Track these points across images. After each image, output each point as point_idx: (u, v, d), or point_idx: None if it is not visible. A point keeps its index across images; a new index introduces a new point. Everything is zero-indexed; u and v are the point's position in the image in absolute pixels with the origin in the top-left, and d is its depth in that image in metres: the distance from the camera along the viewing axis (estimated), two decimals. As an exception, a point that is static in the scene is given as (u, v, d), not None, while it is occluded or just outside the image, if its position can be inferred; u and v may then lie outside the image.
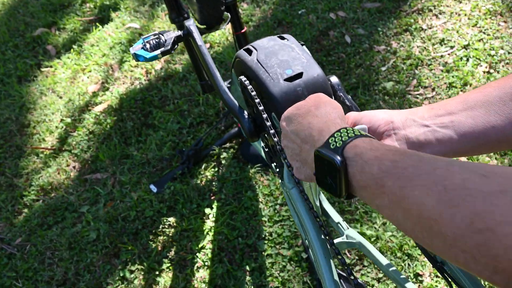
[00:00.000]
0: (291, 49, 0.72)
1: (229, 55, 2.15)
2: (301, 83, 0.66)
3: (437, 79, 1.83)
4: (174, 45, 0.89)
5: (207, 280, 1.51)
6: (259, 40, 0.75)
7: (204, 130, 1.92)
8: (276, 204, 1.63)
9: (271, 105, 0.68)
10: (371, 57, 1.99)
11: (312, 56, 0.72)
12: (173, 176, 1.79)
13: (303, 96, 0.66)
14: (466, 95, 0.53)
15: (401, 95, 1.82)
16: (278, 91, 0.66)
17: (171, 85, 2.12)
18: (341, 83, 0.72)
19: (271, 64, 0.69)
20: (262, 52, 0.71)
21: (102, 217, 1.74)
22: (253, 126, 0.75)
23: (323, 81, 0.68)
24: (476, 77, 1.79)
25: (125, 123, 2.04)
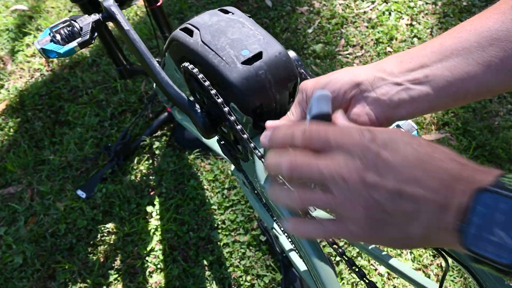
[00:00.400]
0: (240, 24, 0.60)
1: (142, 32, 1.90)
2: (262, 65, 0.55)
3: (364, 36, 1.80)
4: (93, 33, 0.70)
5: (163, 284, 1.36)
6: (198, 17, 0.61)
7: (129, 120, 1.70)
8: (223, 189, 1.51)
9: (228, 94, 0.56)
10: (295, 19, 1.89)
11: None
12: (102, 176, 1.58)
13: (267, 80, 0.55)
14: (439, 42, 0.46)
15: (332, 56, 1.75)
16: (237, 78, 0.54)
17: (80, 73, 1.83)
18: (299, 57, 0.63)
19: (221, 45, 0.56)
20: (206, 31, 0.58)
21: (26, 237, 1.49)
22: (209, 120, 0.62)
23: (287, 60, 0.57)
24: (400, 30, 1.79)
25: (32, 124, 1.73)
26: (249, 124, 0.59)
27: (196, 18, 0.61)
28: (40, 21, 2.03)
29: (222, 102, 0.56)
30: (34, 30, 2.02)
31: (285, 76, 0.57)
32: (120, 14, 0.70)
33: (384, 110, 0.46)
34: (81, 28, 0.70)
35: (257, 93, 0.55)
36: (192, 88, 0.64)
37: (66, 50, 0.68)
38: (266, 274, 1.33)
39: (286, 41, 1.82)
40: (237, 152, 0.68)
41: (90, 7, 1.11)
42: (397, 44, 1.77)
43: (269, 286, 1.31)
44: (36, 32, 2.01)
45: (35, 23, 2.04)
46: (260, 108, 0.57)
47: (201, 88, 0.60)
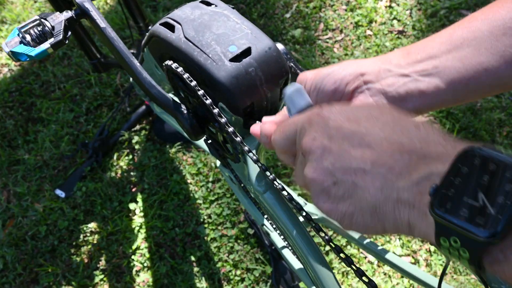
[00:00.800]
0: (225, 17, 0.55)
1: (114, 22, 1.80)
2: (252, 62, 0.51)
3: (343, 20, 1.74)
4: (67, 32, 0.62)
5: (151, 283, 1.32)
6: (179, 10, 0.56)
7: (105, 114, 1.61)
8: (207, 182, 1.46)
9: (217, 94, 0.52)
10: (272, 4, 1.81)
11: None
12: (82, 174, 1.50)
13: (257, 78, 0.51)
14: (448, 33, 0.43)
15: (311, 41, 1.70)
16: (225, 76, 0.50)
17: (51, 67, 1.73)
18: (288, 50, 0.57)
19: (206, 41, 0.52)
20: (189, 26, 0.53)
21: (5, 241, 1.42)
22: (196, 122, 0.57)
23: (278, 56, 0.53)
24: (380, 12, 1.74)
25: (3, 123, 1.63)
26: (239, 124, 0.55)
27: (177, 11, 0.56)
28: (4, 13, 1.89)
29: (211, 103, 0.52)
30: (-2, 22, 1.89)
31: (276, 73, 0.53)
32: (95, 11, 0.62)
33: (389, 103, 0.43)
34: (53, 27, 0.62)
35: (247, 92, 0.51)
36: (175, 86, 0.59)
37: (39, 53, 0.60)
38: (256, 267, 1.30)
39: (264, 26, 1.75)
40: (226, 152, 0.63)
41: (59, 0, 1.02)
42: (377, 27, 1.72)
43: (260, 280, 1.29)
44: (1, 25, 1.88)
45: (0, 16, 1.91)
46: (251, 107, 0.53)
47: (186, 88, 0.55)
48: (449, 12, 1.74)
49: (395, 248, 1.31)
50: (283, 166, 1.47)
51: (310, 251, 0.60)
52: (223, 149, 0.63)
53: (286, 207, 0.60)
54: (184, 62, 0.53)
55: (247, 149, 0.50)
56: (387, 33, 1.71)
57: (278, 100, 0.56)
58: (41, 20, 0.63)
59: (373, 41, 1.70)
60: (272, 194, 0.58)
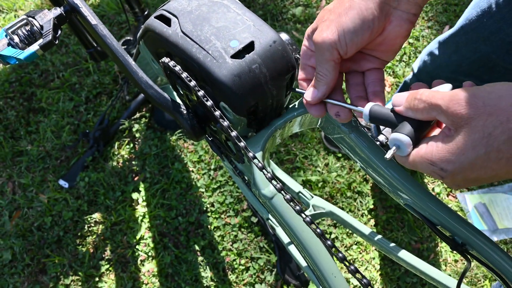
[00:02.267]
0: (225, 8, 0.47)
1: (109, 7, 1.67)
2: (255, 58, 0.44)
3: (346, -4, 1.58)
4: (56, 31, 0.56)
5: (156, 272, 1.25)
6: (174, 1, 0.49)
7: (105, 103, 1.51)
8: (209, 170, 1.36)
9: (218, 93, 0.46)
10: (272, -19, 1.66)
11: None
12: (84, 164, 1.42)
13: (262, 75, 0.44)
14: None
15: (313, 20, 1.55)
16: (227, 75, 0.43)
17: (49, 56, 1.61)
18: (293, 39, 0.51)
19: (206, 35, 0.45)
20: (186, 19, 0.46)
21: (12, 232, 1.35)
22: (196, 122, 0.51)
23: (283, 49, 0.45)
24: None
25: (5, 114, 1.54)
26: (242, 123, 0.49)
27: (173, 2, 0.49)
28: (0, 2, 1.77)
29: (212, 105, 0.45)
30: (-5, 11, 1.77)
31: (282, 68, 0.46)
32: (85, 7, 0.56)
33: (418, 2, 0.41)
34: (41, 27, 0.55)
35: (251, 91, 0.45)
36: (173, 83, 0.52)
37: (27, 56, 0.54)
38: (261, 256, 1.22)
39: (263, 6, 1.61)
40: (229, 152, 0.56)
41: None
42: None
43: (264, 268, 1.21)
44: (-2, 14, 1.76)
45: (-5, 4, 1.79)
46: (255, 106, 0.47)
47: (185, 87, 0.48)
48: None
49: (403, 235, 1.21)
50: (286, 152, 1.36)
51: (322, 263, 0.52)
52: (226, 148, 0.56)
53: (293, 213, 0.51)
54: (182, 58, 0.46)
55: (251, 155, 0.44)
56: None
57: (284, 97, 0.49)
58: (29, 19, 0.55)
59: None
60: (280, 202, 0.50)
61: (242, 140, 0.45)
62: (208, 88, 0.47)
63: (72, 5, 0.56)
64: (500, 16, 0.72)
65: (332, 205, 0.79)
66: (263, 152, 0.50)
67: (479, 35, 0.78)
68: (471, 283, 1.19)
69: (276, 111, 0.50)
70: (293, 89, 0.50)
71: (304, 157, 1.34)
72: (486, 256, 0.45)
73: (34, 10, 0.56)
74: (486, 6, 0.74)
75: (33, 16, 0.56)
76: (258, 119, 0.50)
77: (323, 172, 1.30)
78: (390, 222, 1.27)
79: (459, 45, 0.84)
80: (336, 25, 0.40)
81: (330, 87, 0.44)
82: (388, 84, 1.48)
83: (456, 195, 1.31)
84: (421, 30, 1.60)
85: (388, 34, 0.42)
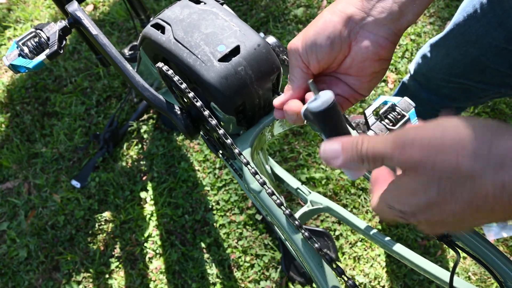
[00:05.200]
0: (214, 16, 0.49)
1: (119, 14, 1.65)
2: (241, 61, 0.46)
3: (347, -5, 1.53)
4: (61, 42, 0.59)
5: (164, 269, 1.22)
6: (168, 10, 0.51)
7: (114, 106, 1.49)
8: (214, 169, 1.32)
9: (208, 95, 0.48)
10: (274, -16, 1.61)
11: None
12: (94, 165, 1.39)
13: (247, 77, 0.46)
14: None
15: (315, 20, 1.50)
16: (215, 77, 0.45)
17: (62, 62, 1.60)
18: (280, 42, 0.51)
19: (195, 41, 0.47)
20: (178, 27, 0.48)
21: (28, 231, 1.34)
22: (190, 122, 0.52)
23: (267, 52, 0.47)
24: (385, -16, 1.51)
25: (22, 118, 1.54)
26: (232, 122, 0.50)
27: (167, 11, 0.51)
28: (18, 13, 1.77)
29: (201, 105, 0.46)
30: (13, 22, 1.77)
31: (267, 70, 0.47)
32: (87, 19, 0.58)
33: (389, 27, 0.38)
34: (48, 38, 0.59)
35: (238, 92, 0.46)
36: (169, 86, 0.53)
37: (35, 65, 0.57)
38: (265, 253, 1.17)
39: (265, 8, 1.56)
40: (222, 149, 0.56)
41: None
42: (383, 0, 1.50)
43: (269, 266, 1.16)
44: (15, 25, 1.76)
45: (14, 15, 1.79)
46: (242, 105, 0.48)
47: (178, 89, 0.49)
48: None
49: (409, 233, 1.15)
50: (290, 150, 1.31)
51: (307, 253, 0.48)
52: (220, 146, 0.56)
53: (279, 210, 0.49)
54: (175, 63, 0.48)
55: (237, 151, 0.45)
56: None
57: (271, 96, 0.50)
58: (37, 32, 0.59)
59: (380, 15, 1.48)
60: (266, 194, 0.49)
61: (229, 137, 0.45)
62: (200, 90, 0.48)
63: (75, 18, 0.58)
64: (486, 21, 0.71)
65: (330, 200, 0.75)
66: (251, 148, 0.50)
67: (468, 38, 0.76)
68: (481, 280, 1.12)
69: (265, 110, 0.51)
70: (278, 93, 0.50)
71: (308, 154, 1.29)
72: (471, 246, 0.43)
73: (42, 23, 0.60)
74: (472, 10, 0.72)
75: (41, 29, 0.59)
76: (247, 118, 0.50)
77: (326, 170, 1.25)
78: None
79: (449, 49, 0.82)
80: (303, 34, 0.40)
81: (295, 94, 0.41)
82: (390, 80, 1.42)
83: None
84: (422, 26, 1.53)
85: (355, 55, 0.39)
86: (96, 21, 1.67)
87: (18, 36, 1.72)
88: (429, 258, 1.13)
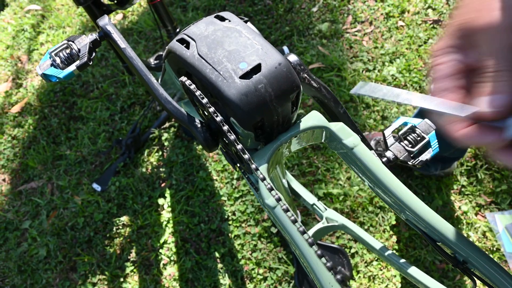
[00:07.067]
0: (238, 33, 0.52)
1: (146, 24, 1.73)
2: (261, 79, 0.47)
3: (373, 11, 1.55)
4: (91, 54, 0.63)
5: (177, 276, 1.25)
6: (194, 26, 0.53)
7: (137, 112, 1.55)
8: (232, 179, 1.36)
9: (228, 110, 0.50)
10: (299, -2, 1.66)
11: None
12: (115, 169, 1.46)
13: (267, 94, 0.48)
14: None
15: (339, 35, 1.53)
16: (235, 94, 0.47)
17: (90, 69, 1.69)
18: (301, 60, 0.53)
19: (218, 58, 0.49)
20: (202, 43, 0.51)
21: (48, 230, 1.40)
22: (210, 135, 0.55)
23: (288, 71, 0.48)
24: (413, 1, 1.53)
25: (49, 121, 1.62)
26: (251, 137, 0.52)
27: (192, 27, 0.53)
28: (51, 20, 1.88)
29: (221, 120, 0.48)
30: (47, 28, 1.89)
31: (287, 88, 0.49)
32: (116, 33, 0.62)
33: None
34: (79, 50, 0.63)
35: (257, 109, 0.48)
36: (191, 99, 0.56)
37: (66, 75, 0.61)
38: (279, 267, 1.19)
39: (290, 22, 1.61)
40: (240, 163, 0.59)
41: (95, 9, 1.02)
42: (410, 17, 1.52)
43: (282, 279, 1.18)
44: (48, 31, 1.87)
45: (47, 22, 1.90)
46: (261, 122, 0.50)
47: (199, 103, 0.52)
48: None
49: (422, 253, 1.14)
50: (308, 164, 1.33)
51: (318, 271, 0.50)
52: (237, 159, 0.59)
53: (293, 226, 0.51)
54: (198, 78, 0.51)
55: (254, 167, 0.47)
56: (420, 23, 1.50)
57: (290, 112, 0.52)
58: (69, 43, 0.63)
59: (405, 32, 1.50)
60: (280, 211, 0.51)
61: (246, 152, 0.47)
62: (220, 105, 0.50)
63: (105, 32, 0.63)
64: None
65: (346, 218, 0.76)
66: (267, 164, 0.52)
67: None
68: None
69: (283, 126, 0.52)
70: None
71: (326, 170, 1.31)
72: (487, 274, 0.43)
73: (74, 36, 0.64)
74: None
75: (73, 41, 0.63)
76: (265, 134, 0.52)
77: (344, 186, 1.26)
78: (413, 240, 1.20)
79: None
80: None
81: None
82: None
83: (485, 215, 1.22)
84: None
85: None
86: (125, 30, 1.76)
87: (50, 41, 1.83)
88: (446, 283, 1.12)
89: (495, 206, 1.22)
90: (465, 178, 1.26)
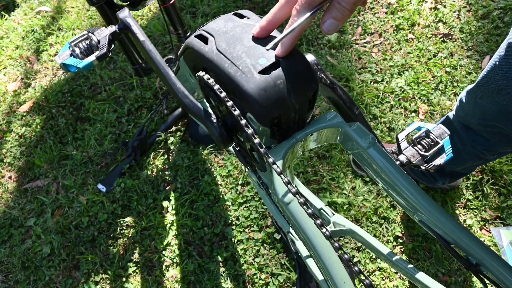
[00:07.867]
0: None
1: (156, 28, 1.76)
2: (280, 75, 0.47)
3: (383, 23, 1.58)
4: (110, 45, 0.65)
5: (179, 279, 1.26)
6: (212, 22, 0.54)
7: (144, 115, 1.58)
8: (237, 185, 1.37)
9: (245, 105, 0.49)
10: (309, 8, 1.69)
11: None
12: (121, 171, 1.47)
13: (286, 90, 0.47)
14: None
15: (348, 45, 1.56)
16: (254, 89, 0.47)
17: (99, 71, 1.72)
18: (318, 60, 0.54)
19: (237, 53, 0.49)
20: (221, 38, 0.51)
21: (53, 228, 1.42)
22: (225, 131, 0.55)
23: (307, 67, 0.49)
24: (423, 15, 1.56)
25: (56, 121, 1.64)
26: (266, 134, 0.52)
27: (211, 24, 0.54)
28: (61, 22, 1.91)
29: (239, 114, 0.48)
30: (56, 30, 1.92)
31: (305, 85, 0.49)
32: (136, 26, 0.62)
33: None
34: (98, 41, 0.64)
35: (275, 104, 0.48)
36: (207, 95, 0.56)
37: (85, 65, 0.63)
38: (281, 273, 1.20)
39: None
40: (253, 160, 0.59)
41: (107, 10, 1.03)
42: (420, 30, 1.54)
43: (284, 285, 1.18)
44: (58, 32, 1.90)
45: (57, 24, 1.94)
46: (278, 118, 0.50)
47: (217, 98, 0.52)
48: (503, 12, 1.52)
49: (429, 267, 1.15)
50: (313, 173, 1.35)
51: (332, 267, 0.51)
52: (251, 157, 0.59)
53: (308, 219, 0.52)
54: (216, 73, 0.51)
55: (271, 161, 0.47)
56: (430, 37, 1.53)
57: (306, 112, 0.52)
58: (89, 35, 0.64)
59: (415, 45, 1.52)
60: (296, 206, 0.51)
61: (264, 146, 0.47)
62: (237, 101, 0.50)
63: (125, 24, 0.63)
64: (503, 73, 0.75)
65: (353, 223, 0.78)
66: (283, 161, 0.52)
67: (491, 89, 0.80)
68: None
69: (298, 125, 0.52)
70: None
71: (331, 178, 1.32)
72: (500, 278, 0.43)
73: (93, 27, 0.65)
74: (493, 62, 0.77)
75: (92, 32, 0.64)
76: (281, 131, 0.52)
77: (349, 195, 1.27)
78: (417, 251, 1.21)
79: (477, 97, 0.87)
80: None
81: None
82: (421, 111, 1.45)
83: (490, 229, 1.23)
84: (459, 59, 1.56)
85: None
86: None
87: (59, 43, 1.86)
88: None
89: (500, 221, 1.23)
90: (471, 192, 1.27)
